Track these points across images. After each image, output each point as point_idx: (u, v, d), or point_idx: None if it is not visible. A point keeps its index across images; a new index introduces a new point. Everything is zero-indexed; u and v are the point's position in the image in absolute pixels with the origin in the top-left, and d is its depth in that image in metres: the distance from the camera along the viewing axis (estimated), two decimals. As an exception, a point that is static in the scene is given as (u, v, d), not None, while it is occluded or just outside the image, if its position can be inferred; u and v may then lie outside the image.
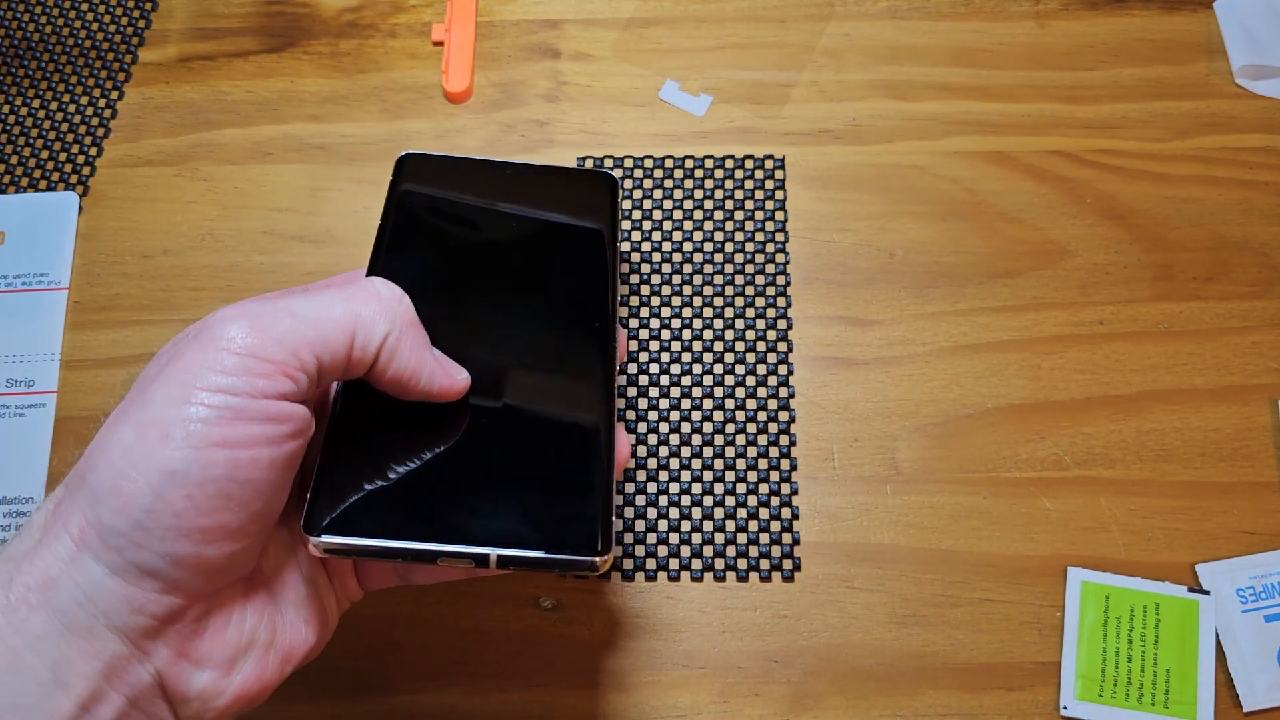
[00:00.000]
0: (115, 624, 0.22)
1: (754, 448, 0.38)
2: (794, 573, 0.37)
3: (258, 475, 0.23)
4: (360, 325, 0.25)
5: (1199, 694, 0.35)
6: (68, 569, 0.22)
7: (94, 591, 0.22)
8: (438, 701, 0.35)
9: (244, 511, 0.23)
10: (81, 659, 0.21)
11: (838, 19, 0.46)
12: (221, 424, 0.22)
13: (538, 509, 0.26)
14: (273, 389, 0.23)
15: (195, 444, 0.22)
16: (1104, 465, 0.38)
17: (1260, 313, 0.40)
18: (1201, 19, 0.46)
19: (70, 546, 0.22)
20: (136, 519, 0.21)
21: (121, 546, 0.22)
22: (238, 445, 0.22)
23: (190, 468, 0.22)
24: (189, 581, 0.22)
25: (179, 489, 0.21)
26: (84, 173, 0.44)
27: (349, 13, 0.47)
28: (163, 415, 0.22)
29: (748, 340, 0.40)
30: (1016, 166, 0.43)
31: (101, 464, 0.22)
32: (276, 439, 0.23)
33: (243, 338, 0.23)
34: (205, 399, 0.22)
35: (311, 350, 0.24)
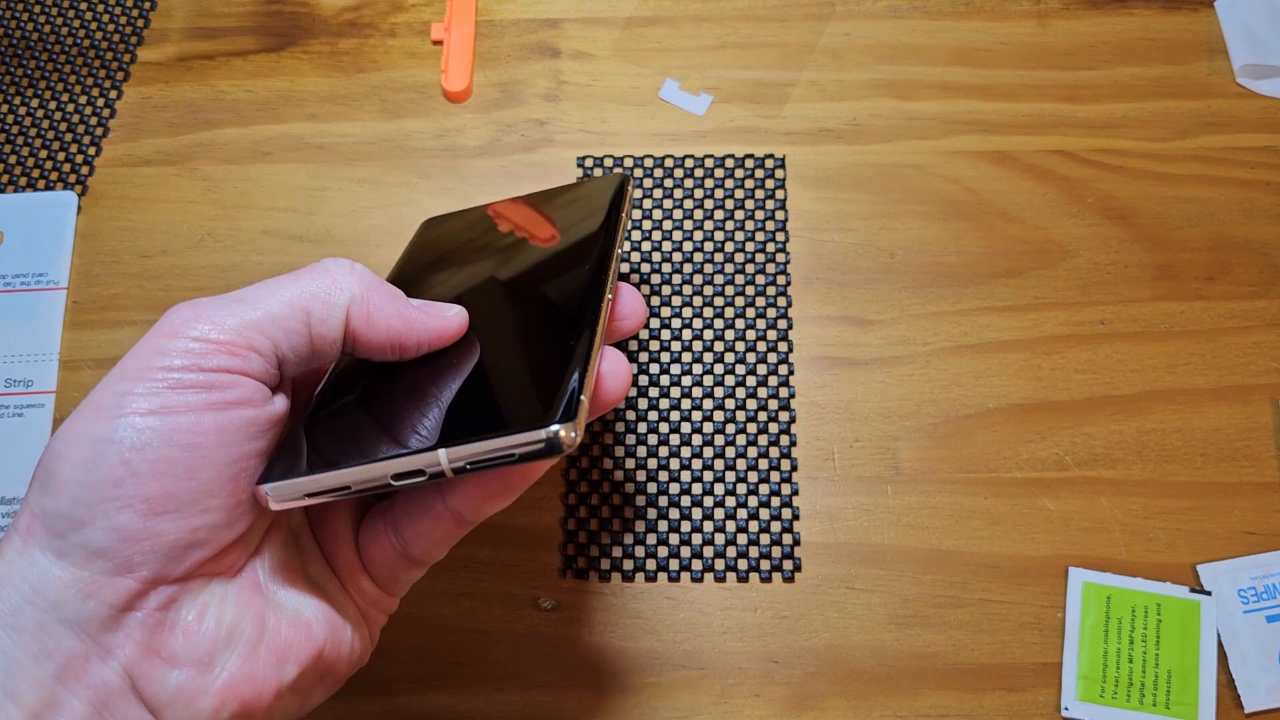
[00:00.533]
0: (67, 616, 0.21)
1: (754, 448, 0.38)
2: (794, 573, 0.36)
3: (200, 440, 0.21)
4: (314, 301, 0.24)
5: (1200, 695, 0.35)
6: (13, 566, 0.21)
7: (41, 583, 0.21)
8: (437, 702, 0.35)
9: (191, 480, 0.21)
10: (31, 662, 0.20)
11: (838, 18, 0.46)
12: (157, 394, 0.21)
13: (493, 403, 0.24)
14: (213, 364, 0.22)
15: (128, 412, 0.21)
16: (1105, 465, 0.38)
17: (1261, 313, 0.40)
18: (1202, 18, 0.46)
19: (16, 543, 0.21)
20: (74, 494, 0.21)
21: (64, 528, 0.21)
22: (174, 411, 0.21)
23: (123, 433, 0.21)
24: (141, 560, 0.21)
25: (113, 455, 0.21)
26: (83, 172, 0.43)
27: (348, 12, 0.47)
28: (99, 395, 0.22)
29: (748, 340, 0.40)
30: (1017, 166, 0.43)
31: (47, 454, 0.22)
32: (218, 404, 0.22)
33: (185, 325, 0.22)
34: (144, 375, 0.22)
35: (259, 330, 0.23)
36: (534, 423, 0.22)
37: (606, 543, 0.37)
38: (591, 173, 0.43)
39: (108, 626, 0.21)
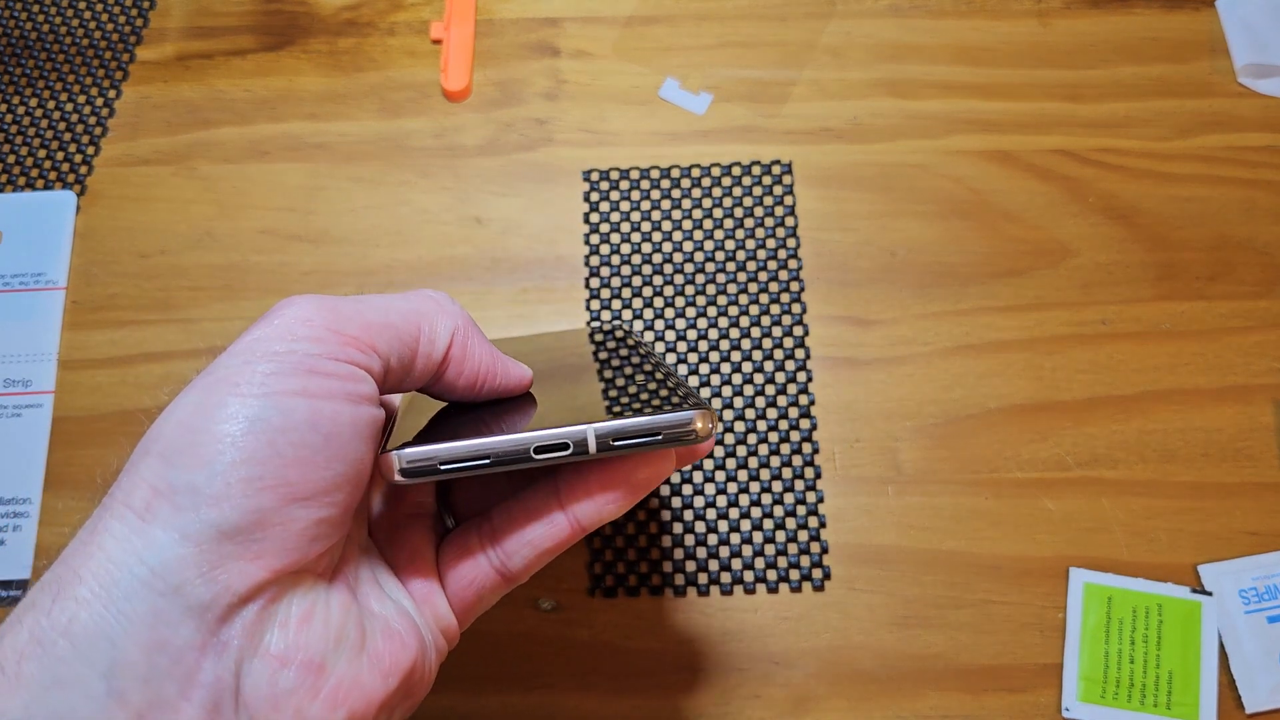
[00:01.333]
0: (188, 602, 0.19)
1: (777, 457, 0.38)
2: (824, 581, 0.36)
3: (339, 430, 0.21)
4: (424, 320, 0.24)
5: (1201, 695, 0.34)
6: (127, 545, 0.19)
7: (162, 563, 0.19)
8: (438, 703, 0.35)
9: (328, 470, 0.20)
10: (142, 655, 0.18)
11: (839, 17, 0.46)
12: (296, 375, 0.20)
13: (626, 400, 0.25)
14: (346, 355, 0.21)
15: (271, 390, 0.20)
16: (1106, 466, 0.38)
17: (1263, 312, 0.40)
18: (1204, 18, 0.46)
19: (132, 521, 0.19)
20: (214, 469, 0.19)
21: (198, 503, 0.19)
22: (316, 395, 0.20)
23: (270, 413, 0.20)
24: (271, 547, 0.20)
25: (261, 434, 0.19)
26: (81, 172, 0.43)
27: (347, 11, 0.47)
28: (232, 372, 0.20)
29: (765, 348, 0.40)
30: (1019, 165, 0.43)
31: (168, 427, 0.20)
32: (354, 397, 0.21)
33: (316, 313, 0.22)
34: (276, 354, 0.20)
35: (378, 334, 0.22)
36: (677, 407, 0.23)
37: (633, 559, 0.37)
38: (598, 186, 0.43)
39: (226, 617, 0.19)
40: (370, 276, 0.41)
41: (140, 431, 0.40)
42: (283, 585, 0.20)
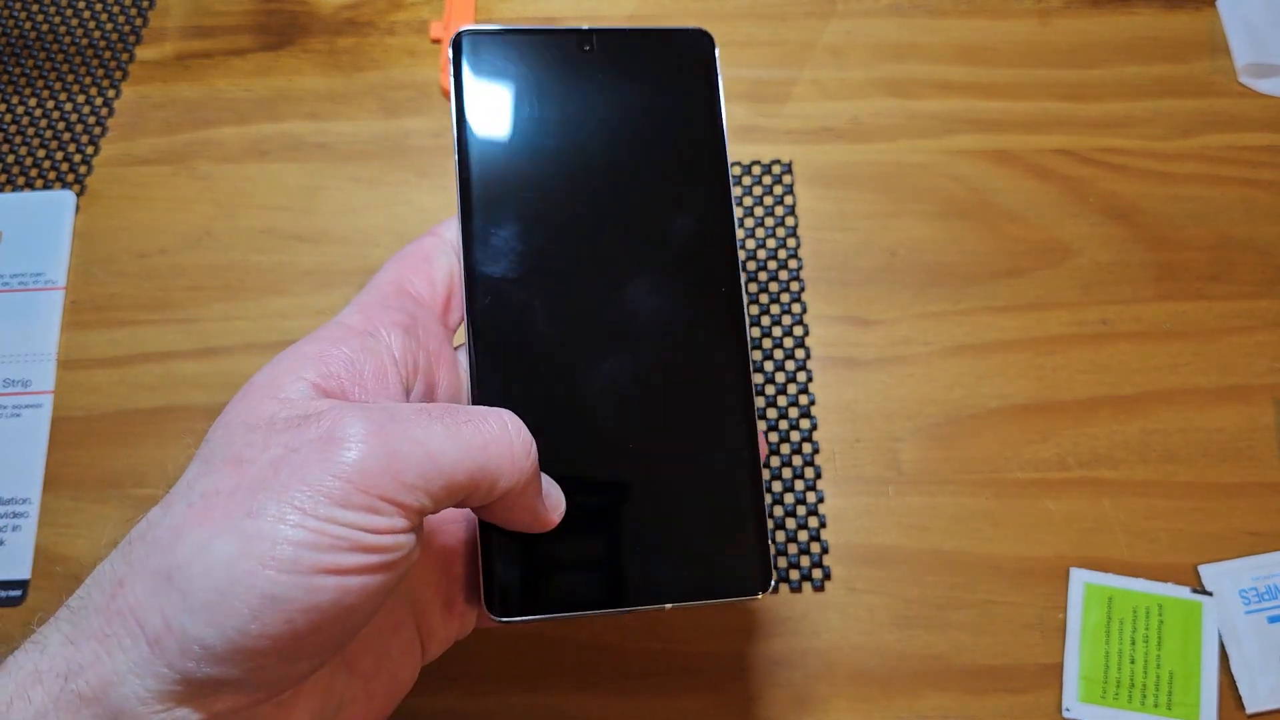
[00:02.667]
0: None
1: (777, 457, 0.38)
2: (824, 582, 0.36)
3: (362, 603, 0.21)
4: (486, 474, 0.22)
5: (1202, 696, 0.34)
6: (132, 672, 0.20)
7: (159, 692, 0.20)
8: (437, 703, 0.35)
9: (341, 634, 0.21)
10: None
11: (839, 16, 0.46)
12: (332, 551, 0.20)
13: (700, 547, 0.26)
14: (386, 525, 0.21)
15: (303, 569, 0.20)
16: (1107, 466, 0.38)
17: (1264, 312, 0.40)
18: (1205, 17, 0.46)
19: (144, 650, 0.20)
20: (231, 639, 0.19)
21: (204, 658, 0.20)
22: (346, 572, 0.20)
23: (295, 593, 0.20)
24: (263, 689, 0.21)
25: (281, 613, 0.19)
26: (81, 171, 0.43)
27: (347, 10, 0.47)
28: (271, 533, 0.20)
29: (764, 348, 0.40)
30: (1019, 165, 0.43)
31: (196, 571, 0.20)
32: (382, 567, 0.21)
33: (367, 464, 0.20)
34: (317, 525, 0.20)
35: (435, 488, 0.21)
36: (745, 588, 0.26)
37: None
38: None
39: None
40: (370, 276, 0.41)
41: (139, 432, 0.40)
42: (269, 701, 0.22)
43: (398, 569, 0.21)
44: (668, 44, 0.29)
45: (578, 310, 0.27)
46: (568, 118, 0.28)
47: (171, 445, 0.39)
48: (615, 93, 0.29)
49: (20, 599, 0.36)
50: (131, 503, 0.38)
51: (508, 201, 0.28)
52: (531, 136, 0.28)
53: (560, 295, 0.27)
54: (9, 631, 0.36)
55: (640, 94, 0.29)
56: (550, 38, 0.29)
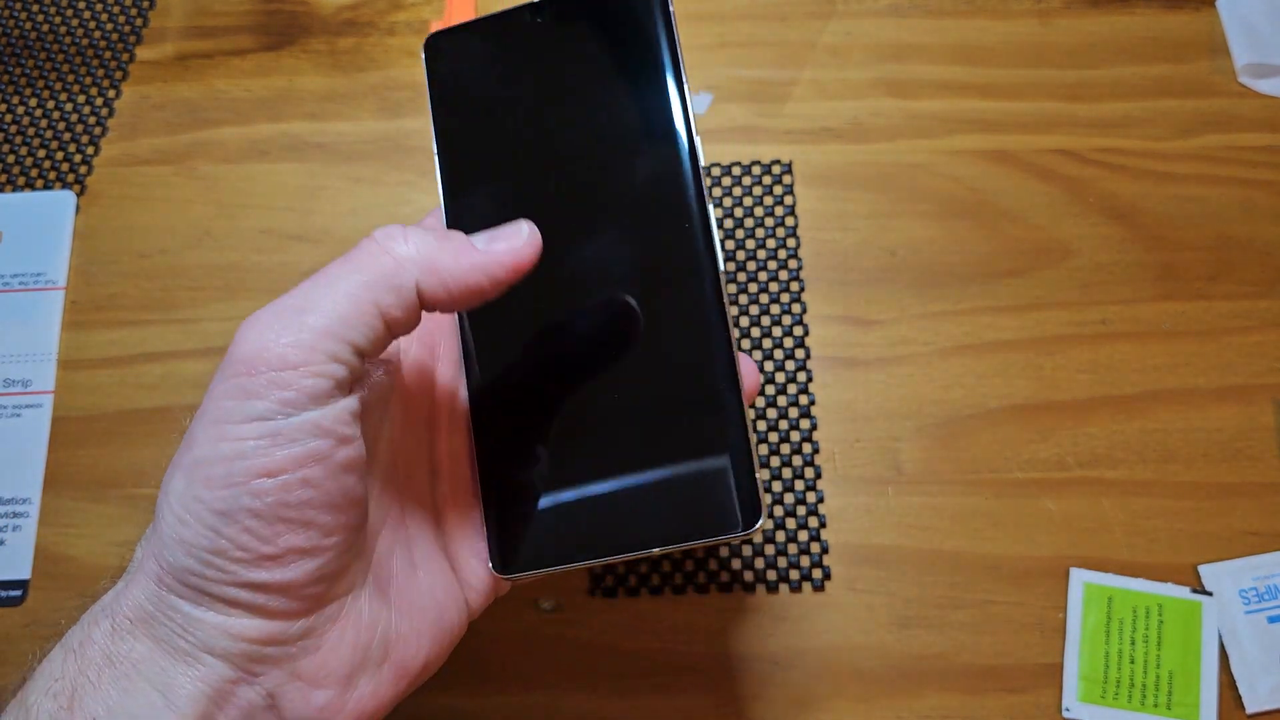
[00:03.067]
0: (218, 651, 0.22)
1: (777, 457, 0.38)
2: (824, 582, 0.36)
3: (314, 494, 0.22)
4: (380, 291, 0.23)
5: (1201, 696, 0.34)
6: (158, 606, 0.22)
7: (188, 624, 0.22)
8: (437, 703, 0.35)
9: (308, 529, 0.22)
10: (189, 683, 0.22)
11: (839, 16, 0.46)
12: (260, 454, 0.21)
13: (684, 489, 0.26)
14: (303, 398, 0.22)
15: (239, 479, 0.21)
16: (1107, 466, 0.38)
17: (1263, 312, 0.40)
18: (1204, 17, 0.46)
19: (152, 588, 0.22)
20: (202, 559, 0.21)
21: (199, 584, 0.22)
22: (282, 470, 0.21)
23: (239, 503, 0.21)
24: (274, 604, 0.22)
25: (235, 525, 0.21)
26: (81, 172, 0.43)
27: (347, 10, 0.47)
28: (204, 455, 0.22)
29: (765, 348, 0.40)
30: (1019, 165, 0.43)
31: (163, 511, 0.22)
32: (322, 454, 0.22)
33: (260, 352, 0.22)
34: (240, 432, 0.21)
35: (335, 338, 0.22)
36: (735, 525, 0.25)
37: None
38: None
39: (255, 659, 0.22)
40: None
41: (140, 432, 0.41)
42: (315, 617, 0.23)
43: (337, 454, 0.22)
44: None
45: (552, 264, 0.27)
46: (530, 92, 0.29)
47: (172, 445, 0.38)
48: (570, 56, 0.29)
49: (21, 599, 0.37)
50: (132, 503, 0.38)
51: (482, 178, 0.29)
52: (499, 116, 0.29)
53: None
54: (10, 631, 0.36)
55: (593, 51, 0.29)
56: (504, 19, 0.30)
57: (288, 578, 0.22)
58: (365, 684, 0.24)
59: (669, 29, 0.29)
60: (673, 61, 0.29)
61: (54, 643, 0.23)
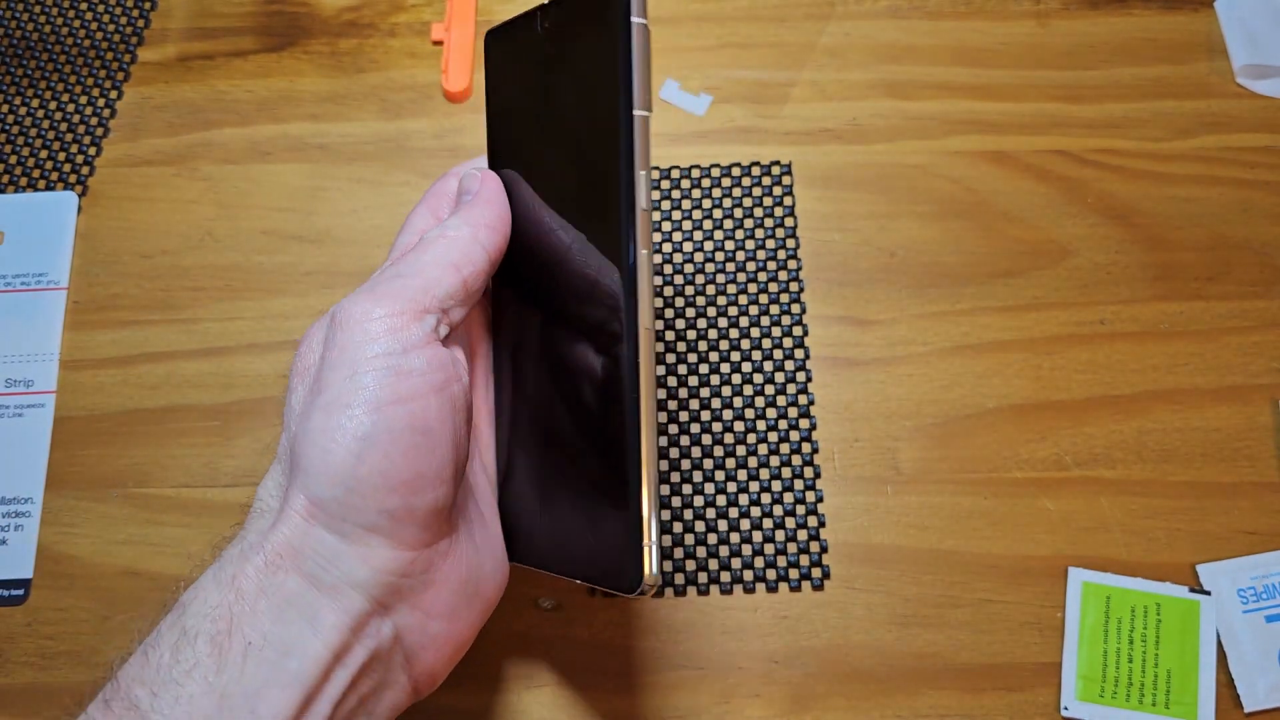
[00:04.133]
0: (357, 583, 0.24)
1: (776, 457, 0.38)
2: (824, 581, 0.36)
3: (433, 422, 0.25)
4: (458, 256, 0.27)
5: (1200, 695, 0.35)
6: (306, 540, 0.24)
7: (333, 556, 0.24)
8: (437, 702, 0.35)
9: (433, 456, 0.25)
10: (332, 614, 0.24)
11: (838, 18, 0.46)
12: (389, 384, 0.25)
13: (594, 534, 0.27)
14: (415, 338, 0.25)
15: (375, 406, 0.24)
16: (1105, 465, 0.38)
17: (1261, 313, 0.40)
18: (1202, 18, 0.46)
19: (301, 523, 0.25)
20: (349, 485, 0.24)
21: (343, 513, 0.24)
22: (409, 399, 0.25)
23: (378, 429, 0.24)
24: (406, 533, 0.25)
25: (375, 449, 0.24)
26: (83, 172, 0.43)
27: (348, 12, 0.47)
28: (341, 392, 0.25)
29: (764, 349, 0.40)
30: (1017, 166, 0.43)
31: (305, 447, 0.25)
32: (438, 385, 0.25)
33: (369, 310, 0.26)
34: (370, 366, 0.25)
35: (429, 295, 0.26)
36: (621, 583, 0.26)
37: None
38: None
39: (390, 591, 0.25)
40: (371, 277, 0.42)
41: (141, 432, 0.41)
42: (432, 551, 0.26)
43: (447, 389, 0.26)
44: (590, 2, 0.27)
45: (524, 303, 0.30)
46: (537, 100, 0.29)
47: (173, 445, 0.39)
48: (562, 66, 0.28)
49: (23, 598, 0.37)
50: (133, 502, 0.38)
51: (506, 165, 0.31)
52: (519, 121, 0.30)
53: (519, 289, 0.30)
54: (12, 630, 0.36)
55: (576, 62, 0.27)
56: (522, 22, 0.30)
57: (415, 504, 0.25)
58: (464, 615, 0.27)
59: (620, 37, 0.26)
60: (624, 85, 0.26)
61: (199, 572, 0.25)
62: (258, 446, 0.39)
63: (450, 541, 0.27)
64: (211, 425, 0.39)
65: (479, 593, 0.28)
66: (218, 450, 0.39)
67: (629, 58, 0.26)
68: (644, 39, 0.26)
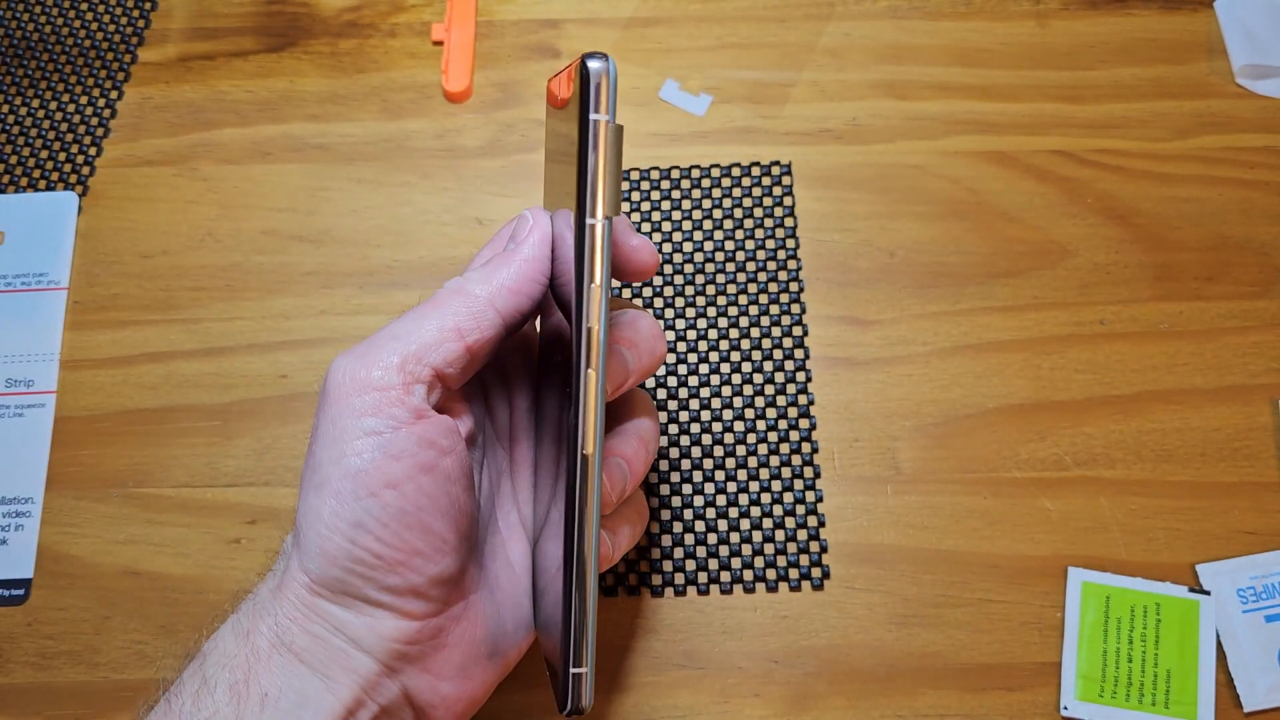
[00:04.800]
0: (364, 648, 0.25)
1: (776, 456, 0.38)
2: (824, 581, 0.36)
3: (425, 500, 0.25)
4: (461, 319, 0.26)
5: (1199, 694, 0.35)
6: (313, 609, 0.26)
7: (340, 625, 0.25)
8: (438, 702, 0.35)
9: (428, 534, 0.25)
10: (343, 673, 0.25)
11: (838, 18, 0.46)
12: (377, 468, 0.25)
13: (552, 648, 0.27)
14: (403, 415, 0.25)
15: (367, 492, 0.25)
16: (1104, 465, 0.38)
17: (1261, 313, 0.40)
18: (1202, 18, 0.46)
19: (305, 595, 0.26)
20: (345, 567, 0.25)
21: (344, 590, 0.25)
22: (399, 482, 0.25)
23: (369, 515, 0.25)
24: (410, 605, 0.26)
25: (368, 534, 0.25)
26: (83, 172, 0.43)
27: (348, 12, 0.47)
28: (329, 475, 0.25)
29: (764, 349, 0.40)
30: (1017, 166, 0.43)
31: (303, 525, 0.26)
32: (427, 464, 0.25)
33: (361, 377, 0.25)
34: (356, 449, 0.25)
35: (422, 362, 0.26)
36: (559, 706, 0.26)
37: (634, 559, 0.37)
38: None
39: (397, 657, 0.26)
40: (371, 277, 0.42)
41: (142, 432, 0.41)
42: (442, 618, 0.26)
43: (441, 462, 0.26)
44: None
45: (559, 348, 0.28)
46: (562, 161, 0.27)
47: (174, 445, 0.39)
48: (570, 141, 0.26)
49: (23, 598, 0.37)
50: (134, 502, 0.38)
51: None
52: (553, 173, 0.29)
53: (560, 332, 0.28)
54: (13, 630, 0.36)
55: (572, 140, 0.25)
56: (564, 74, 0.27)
57: (417, 581, 0.25)
58: (478, 675, 0.28)
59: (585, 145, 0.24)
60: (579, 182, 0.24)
61: (219, 623, 0.26)
62: (258, 446, 0.39)
63: (465, 605, 0.27)
64: (212, 425, 0.39)
65: (497, 651, 0.28)
66: (218, 450, 0.39)
67: (585, 153, 0.24)
68: (610, 138, 0.23)
